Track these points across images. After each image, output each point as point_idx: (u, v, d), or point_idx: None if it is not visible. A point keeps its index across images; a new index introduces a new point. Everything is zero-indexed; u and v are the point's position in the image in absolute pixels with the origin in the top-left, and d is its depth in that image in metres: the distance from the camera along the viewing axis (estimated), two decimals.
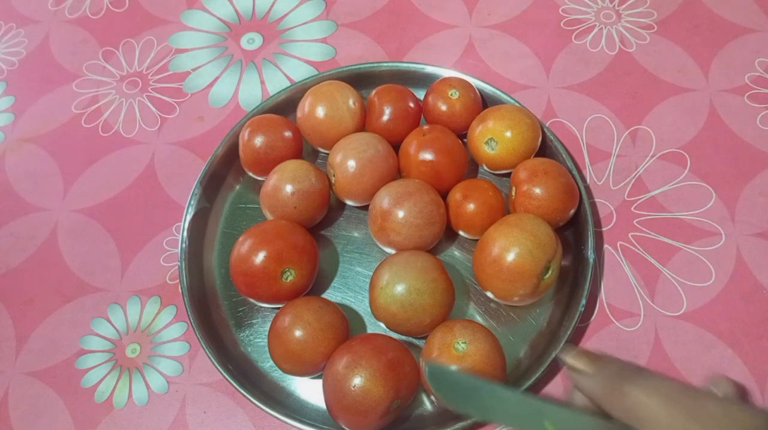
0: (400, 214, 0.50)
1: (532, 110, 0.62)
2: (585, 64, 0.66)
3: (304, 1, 0.73)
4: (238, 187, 0.60)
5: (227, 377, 0.49)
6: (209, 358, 0.50)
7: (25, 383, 0.53)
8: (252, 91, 0.66)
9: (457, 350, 0.45)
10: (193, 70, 0.69)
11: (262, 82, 0.67)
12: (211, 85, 0.67)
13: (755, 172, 0.58)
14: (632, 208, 0.57)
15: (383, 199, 0.51)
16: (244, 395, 0.48)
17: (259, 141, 0.56)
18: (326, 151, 0.59)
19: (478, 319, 0.52)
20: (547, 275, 0.48)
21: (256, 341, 0.53)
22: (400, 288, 0.47)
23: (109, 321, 0.55)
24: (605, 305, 0.53)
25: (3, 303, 0.57)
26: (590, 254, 0.51)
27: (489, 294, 0.49)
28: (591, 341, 0.51)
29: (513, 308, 0.52)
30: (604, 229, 0.56)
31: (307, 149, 0.61)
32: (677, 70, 0.65)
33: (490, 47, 0.67)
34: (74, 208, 0.61)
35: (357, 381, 0.43)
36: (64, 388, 0.53)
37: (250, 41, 0.70)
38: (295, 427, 0.48)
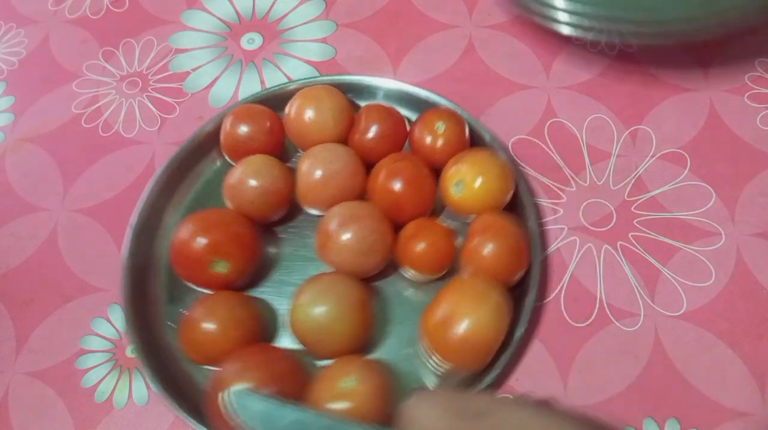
0: (342, 236, 0.50)
1: (532, 110, 0.62)
2: (585, 64, 0.66)
3: (304, 1, 0.73)
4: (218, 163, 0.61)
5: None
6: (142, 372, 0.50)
7: (25, 383, 0.53)
8: (252, 90, 0.66)
9: (342, 387, 0.44)
10: (193, 70, 0.69)
11: (262, 82, 0.67)
12: (211, 85, 0.67)
13: (755, 172, 0.58)
14: (632, 209, 0.57)
15: (332, 218, 0.51)
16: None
17: (241, 130, 0.57)
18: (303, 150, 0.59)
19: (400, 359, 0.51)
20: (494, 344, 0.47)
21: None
22: (316, 309, 0.47)
23: (109, 321, 0.55)
24: (605, 305, 0.53)
25: (3, 303, 0.57)
26: (518, 332, 0.49)
27: (433, 360, 0.48)
28: (591, 341, 0.51)
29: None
30: (603, 229, 0.56)
31: (293, 147, 0.61)
32: (677, 70, 0.65)
33: (490, 47, 0.67)
34: (74, 208, 0.61)
35: (235, 382, 0.44)
36: (64, 388, 0.53)
37: (250, 41, 0.70)
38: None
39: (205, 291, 0.53)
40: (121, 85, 0.68)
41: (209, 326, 0.48)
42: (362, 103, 0.62)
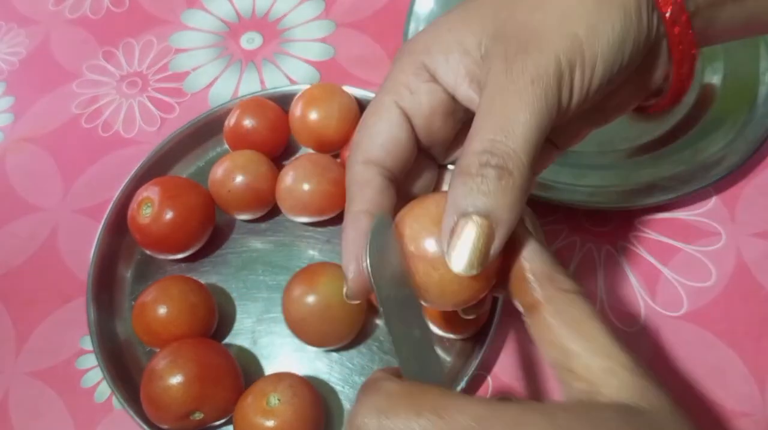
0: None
1: None
2: None
3: (303, 0, 0.72)
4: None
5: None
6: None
7: (25, 383, 0.53)
8: (251, 90, 0.66)
9: (268, 404, 0.45)
10: (193, 70, 0.69)
11: (262, 82, 0.67)
12: (210, 84, 0.67)
13: (756, 171, 0.58)
14: (632, 209, 0.57)
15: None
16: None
17: (245, 121, 0.57)
18: (307, 148, 0.59)
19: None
20: None
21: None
22: (310, 299, 0.48)
23: None
24: (605, 305, 0.53)
25: (3, 303, 0.57)
26: (462, 384, 0.48)
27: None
28: None
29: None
30: (604, 229, 0.56)
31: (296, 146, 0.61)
32: None
33: None
34: (74, 208, 0.61)
35: (165, 375, 0.45)
36: (64, 388, 0.53)
37: (250, 41, 0.70)
38: None
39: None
40: (121, 85, 0.68)
41: (161, 308, 0.48)
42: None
